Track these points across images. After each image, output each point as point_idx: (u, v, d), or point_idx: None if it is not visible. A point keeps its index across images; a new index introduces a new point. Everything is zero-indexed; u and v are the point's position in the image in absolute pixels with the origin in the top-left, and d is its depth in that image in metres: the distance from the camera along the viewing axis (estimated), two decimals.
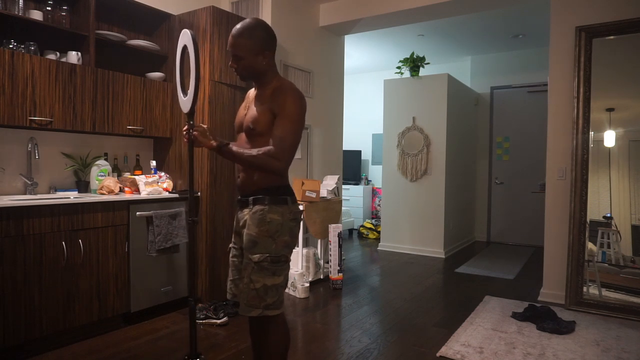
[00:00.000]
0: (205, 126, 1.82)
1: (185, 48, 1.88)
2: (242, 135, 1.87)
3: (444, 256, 5.61)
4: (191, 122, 1.82)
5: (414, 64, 5.79)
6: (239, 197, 1.87)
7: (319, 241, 4.40)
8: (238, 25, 1.79)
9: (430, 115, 5.72)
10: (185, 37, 1.88)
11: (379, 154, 7.62)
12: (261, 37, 1.78)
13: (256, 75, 1.83)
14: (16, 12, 2.79)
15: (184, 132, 1.82)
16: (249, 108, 1.86)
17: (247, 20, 1.81)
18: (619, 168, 3.53)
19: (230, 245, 1.95)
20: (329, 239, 4.16)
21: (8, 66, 2.61)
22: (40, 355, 2.57)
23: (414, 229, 5.84)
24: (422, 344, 2.84)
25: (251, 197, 1.80)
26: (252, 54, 1.77)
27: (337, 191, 4.59)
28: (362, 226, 7.22)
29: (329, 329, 3.14)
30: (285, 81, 1.84)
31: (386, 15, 4.50)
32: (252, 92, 1.94)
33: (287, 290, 3.91)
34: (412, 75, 5.84)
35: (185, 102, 1.92)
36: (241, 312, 1.76)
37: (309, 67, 4.70)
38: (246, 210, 1.82)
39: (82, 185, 3.22)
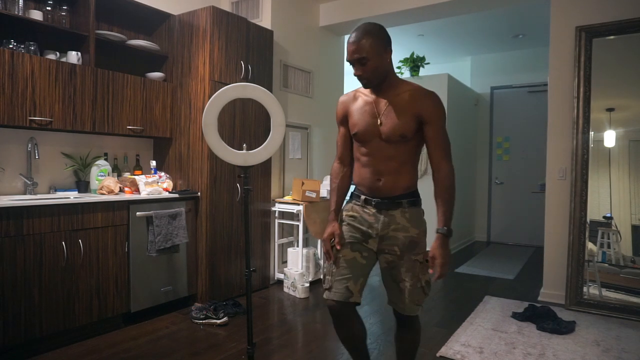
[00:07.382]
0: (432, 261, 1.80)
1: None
2: (382, 144, 1.81)
3: None
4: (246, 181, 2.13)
5: (414, 64, 5.79)
6: (379, 199, 1.85)
7: (319, 241, 4.39)
8: (354, 33, 1.73)
9: None
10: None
11: None
12: (382, 35, 1.74)
13: (383, 76, 1.76)
14: (16, 12, 2.79)
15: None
16: (385, 116, 1.78)
17: (360, 26, 1.74)
18: (619, 168, 3.53)
19: (348, 240, 1.89)
20: None
21: (8, 66, 2.61)
22: (40, 355, 2.57)
23: None
24: (422, 344, 2.82)
25: (405, 200, 1.85)
26: (377, 54, 1.71)
27: None
28: None
29: (329, 329, 3.13)
30: (415, 84, 1.82)
31: (386, 15, 4.49)
32: (366, 96, 1.86)
33: (287, 290, 3.91)
34: (412, 75, 5.84)
35: (250, 154, 2.13)
36: (407, 312, 1.86)
37: (309, 67, 4.70)
38: (396, 212, 1.84)
39: (82, 185, 3.22)
